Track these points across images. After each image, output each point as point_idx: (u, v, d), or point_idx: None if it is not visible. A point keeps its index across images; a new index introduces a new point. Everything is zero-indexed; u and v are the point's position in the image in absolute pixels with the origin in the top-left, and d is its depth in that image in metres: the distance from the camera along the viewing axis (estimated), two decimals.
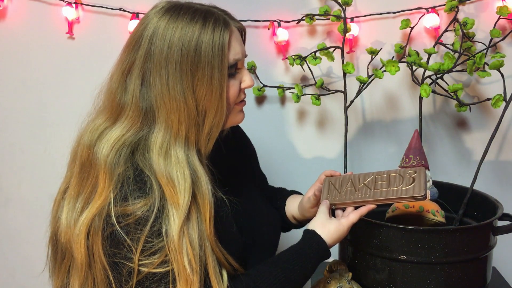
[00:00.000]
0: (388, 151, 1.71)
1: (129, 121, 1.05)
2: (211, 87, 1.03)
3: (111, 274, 1.01)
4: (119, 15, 1.69)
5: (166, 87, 1.02)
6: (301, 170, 1.76)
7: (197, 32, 1.03)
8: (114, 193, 1.00)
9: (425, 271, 1.22)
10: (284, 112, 1.73)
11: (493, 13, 1.53)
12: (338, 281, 1.23)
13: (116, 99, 1.06)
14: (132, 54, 1.05)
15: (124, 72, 1.06)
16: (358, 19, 1.64)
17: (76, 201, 1.05)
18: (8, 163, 1.84)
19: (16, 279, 1.90)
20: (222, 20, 1.06)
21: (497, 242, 1.31)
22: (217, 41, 1.03)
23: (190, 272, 0.98)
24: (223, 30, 1.05)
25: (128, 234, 0.98)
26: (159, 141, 1.03)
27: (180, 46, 1.02)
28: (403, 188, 1.18)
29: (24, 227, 1.86)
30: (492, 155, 1.68)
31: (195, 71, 1.02)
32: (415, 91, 1.66)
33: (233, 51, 1.07)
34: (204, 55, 1.03)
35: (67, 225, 1.05)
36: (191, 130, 1.04)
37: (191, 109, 1.03)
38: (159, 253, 0.98)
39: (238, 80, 1.10)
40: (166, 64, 1.02)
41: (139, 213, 0.98)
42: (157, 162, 1.02)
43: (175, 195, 1.00)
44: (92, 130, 1.07)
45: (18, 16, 1.74)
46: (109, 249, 1.00)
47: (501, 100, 1.33)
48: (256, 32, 1.67)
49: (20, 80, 1.78)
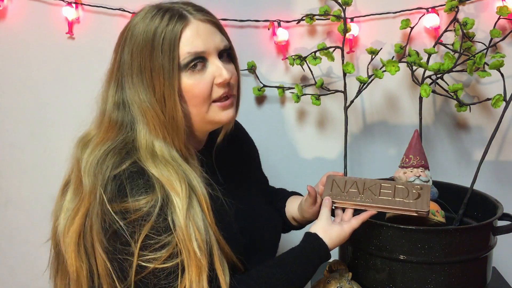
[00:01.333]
0: (388, 151, 1.71)
1: (107, 127, 1.08)
2: (169, 89, 1.03)
3: (114, 272, 1.01)
4: (119, 15, 1.69)
5: (136, 92, 1.05)
6: (301, 170, 1.75)
7: (153, 28, 1.03)
8: (109, 187, 1.00)
9: (425, 271, 1.22)
10: (284, 112, 1.73)
11: (493, 13, 1.53)
12: (338, 281, 1.23)
13: (101, 105, 1.10)
14: (113, 63, 1.10)
15: (107, 80, 1.10)
16: (358, 19, 1.64)
17: (72, 202, 1.07)
18: (8, 163, 1.83)
19: (16, 279, 1.90)
20: (177, 14, 1.05)
21: (497, 242, 1.31)
22: (168, 35, 1.03)
23: (201, 256, 0.99)
24: (175, 23, 1.03)
25: (130, 231, 0.98)
26: (143, 142, 1.05)
27: (138, 52, 1.04)
28: (407, 201, 1.19)
29: (24, 227, 1.86)
30: (492, 155, 1.68)
31: (152, 71, 1.03)
32: (415, 91, 1.66)
33: (191, 44, 1.04)
34: (156, 53, 1.03)
35: (64, 231, 1.06)
36: (166, 131, 1.05)
37: (159, 113, 1.04)
38: (167, 247, 0.98)
39: (208, 75, 1.07)
40: (130, 71, 1.05)
41: (145, 209, 0.98)
42: (146, 160, 1.03)
43: (173, 185, 1.01)
44: (88, 136, 1.11)
45: (18, 16, 1.73)
46: (111, 247, 1.00)
47: (501, 100, 1.32)
48: (256, 32, 1.67)
49: (20, 80, 1.78)
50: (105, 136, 1.07)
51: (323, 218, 1.17)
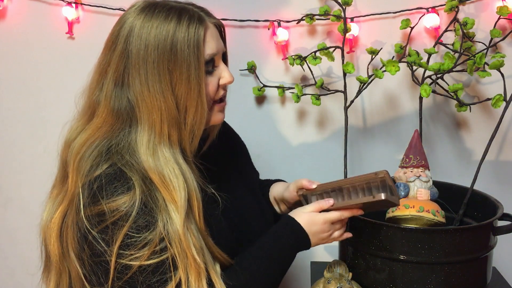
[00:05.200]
0: (388, 151, 1.71)
1: (101, 122, 1.06)
2: (189, 85, 1.03)
3: (87, 273, 1.02)
4: (119, 15, 1.68)
5: (146, 86, 1.03)
6: (301, 170, 1.75)
7: (171, 30, 1.03)
8: (86, 191, 1.00)
9: (425, 271, 1.22)
10: (284, 112, 1.73)
11: (493, 13, 1.53)
12: (338, 281, 1.23)
13: (92, 100, 1.08)
14: (109, 55, 1.06)
15: (101, 73, 1.08)
16: (358, 19, 1.64)
17: (55, 200, 1.08)
18: (8, 163, 1.83)
19: (15, 279, 1.90)
20: (196, 16, 1.05)
21: (497, 242, 1.31)
22: (192, 38, 1.03)
23: (200, 262, 1.00)
24: (197, 26, 1.04)
25: (106, 237, 0.99)
26: (145, 140, 1.04)
27: (156, 45, 1.02)
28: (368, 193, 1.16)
29: (24, 227, 1.86)
30: (492, 155, 1.68)
31: (172, 69, 1.03)
32: (415, 91, 1.66)
33: (209, 47, 1.06)
34: (180, 53, 1.03)
35: (45, 223, 1.08)
36: (173, 129, 1.05)
37: (171, 108, 1.04)
38: (148, 245, 0.99)
39: (216, 76, 1.10)
40: (144, 64, 1.03)
41: (123, 210, 0.98)
42: (147, 161, 1.02)
43: (171, 193, 1.01)
44: (71, 131, 1.10)
45: (18, 16, 1.73)
46: (84, 255, 1.02)
47: (501, 100, 1.33)
48: (256, 32, 1.67)
49: (20, 80, 1.78)
50: (95, 132, 1.06)
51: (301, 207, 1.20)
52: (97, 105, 1.07)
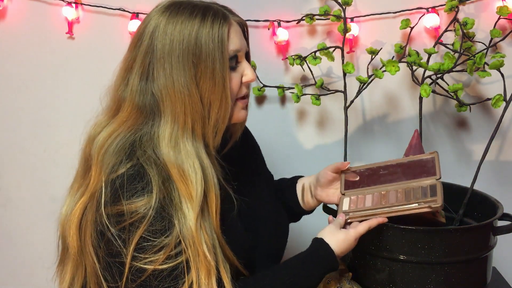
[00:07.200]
0: (388, 151, 1.71)
1: (126, 116, 1.06)
2: (214, 79, 1.04)
3: (102, 269, 1.02)
4: (119, 15, 1.69)
5: (171, 79, 1.04)
6: (301, 170, 1.74)
7: (196, 26, 1.04)
8: (108, 188, 1.01)
9: (425, 271, 1.22)
10: (284, 112, 1.73)
11: (493, 13, 1.53)
12: (338, 281, 1.23)
13: (117, 96, 1.09)
14: (135, 51, 1.07)
15: (126, 69, 1.09)
16: (358, 19, 1.64)
17: (76, 194, 1.08)
18: (8, 163, 1.83)
19: (15, 279, 1.90)
20: (221, 13, 1.07)
21: (497, 242, 1.31)
22: (216, 33, 1.05)
23: (211, 259, 1.00)
24: (222, 23, 1.06)
25: (123, 237, 0.99)
26: (167, 133, 1.04)
27: (181, 40, 1.04)
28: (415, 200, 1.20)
29: (24, 227, 1.86)
30: (492, 155, 1.68)
31: (197, 63, 1.04)
32: (415, 91, 1.66)
33: (232, 43, 1.08)
34: (204, 47, 1.04)
35: (65, 216, 1.07)
36: (197, 122, 1.05)
37: (195, 102, 1.04)
38: (164, 249, 0.99)
39: (239, 73, 1.11)
40: (169, 58, 1.04)
41: (141, 212, 0.98)
42: (167, 154, 1.03)
43: (188, 187, 1.01)
44: (95, 126, 1.10)
45: (18, 16, 1.73)
46: (102, 252, 1.01)
47: (501, 100, 1.32)
48: (256, 32, 1.67)
49: (20, 80, 1.78)
50: (120, 126, 1.06)
51: (332, 224, 1.18)
52: (122, 101, 1.08)
